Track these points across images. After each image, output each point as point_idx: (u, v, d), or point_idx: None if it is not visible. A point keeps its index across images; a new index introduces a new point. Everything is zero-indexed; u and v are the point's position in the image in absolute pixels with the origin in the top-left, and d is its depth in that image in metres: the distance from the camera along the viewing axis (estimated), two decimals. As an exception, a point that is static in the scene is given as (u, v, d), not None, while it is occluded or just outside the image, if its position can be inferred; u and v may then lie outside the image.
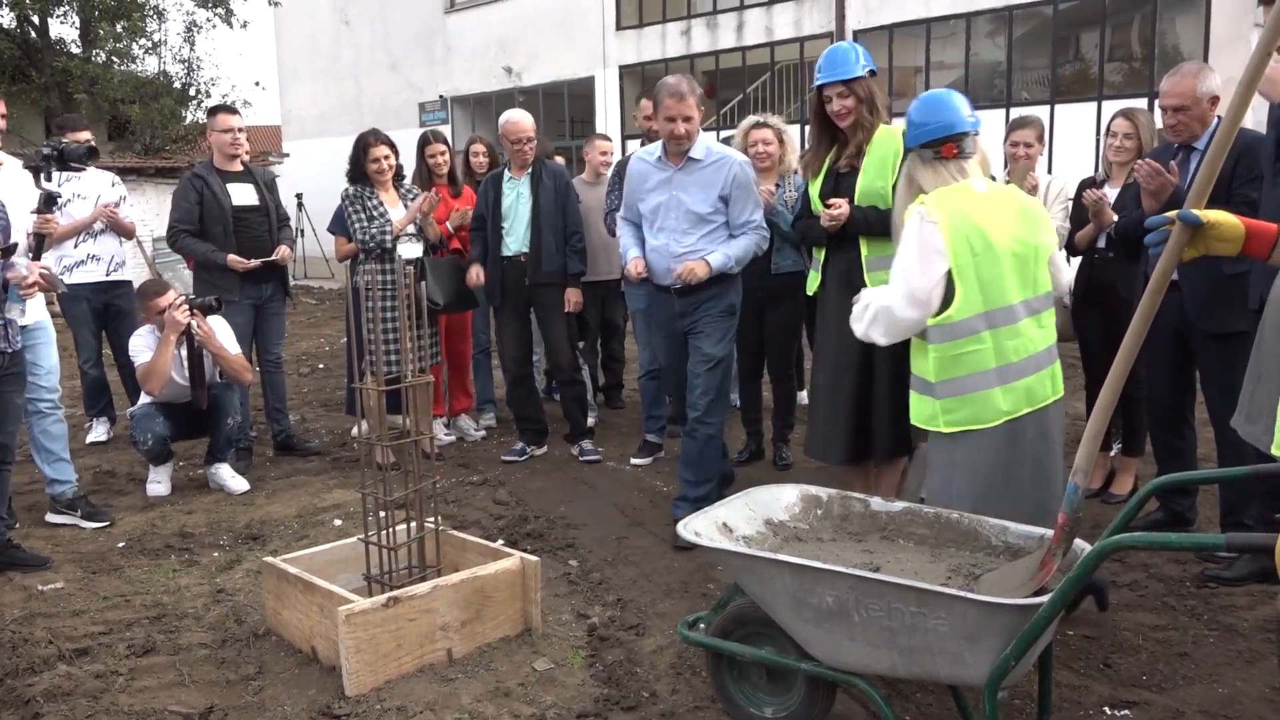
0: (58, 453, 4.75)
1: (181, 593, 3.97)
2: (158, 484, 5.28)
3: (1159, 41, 12.52)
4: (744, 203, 4.42)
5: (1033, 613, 2.31)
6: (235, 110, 5.91)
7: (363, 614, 3.13)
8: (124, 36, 18.28)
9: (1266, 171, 3.59)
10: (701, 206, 4.37)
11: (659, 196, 4.45)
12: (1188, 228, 2.10)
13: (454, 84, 20.31)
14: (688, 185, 4.40)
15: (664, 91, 4.34)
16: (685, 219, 4.40)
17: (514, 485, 5.34)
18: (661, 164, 4.47)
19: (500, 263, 5.62)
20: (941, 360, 3.06)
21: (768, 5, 15.92)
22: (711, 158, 4.41)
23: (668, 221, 4.44)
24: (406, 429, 3.69)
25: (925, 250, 3.02)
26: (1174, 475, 2.60)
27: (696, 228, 4.39)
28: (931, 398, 3.11)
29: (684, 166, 4.41)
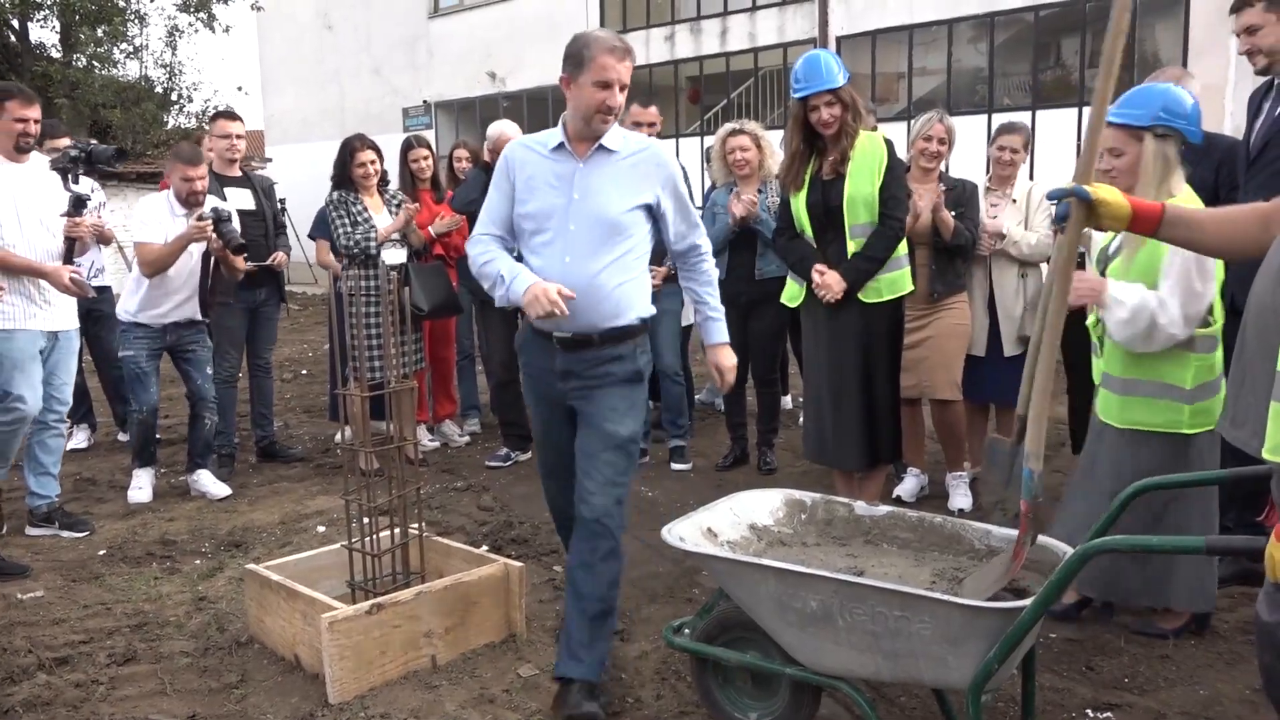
0: (48, 467, 4.71)
1: (163, 601, 3.94)
2: (139, 490, 5.24)
3: (1139, 48, 12.61)
4: (686, 219, 3.18)
5: (1015, 616, 2.32)
6: (237, 116, 5.90)
7: (346, 621, 3.11)
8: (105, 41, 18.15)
9: (1240, 173, 3.65)
10: (616, 213, 3.01)
11: (553, 198, 3.03)
12: (1083, 203, 2.18)
13: (438, 89, 20.28)
14: (599, 184, 3.02)
15: (597, 46, 2.92)
16: (594, 231, 2.99)
17: (498, 491, 5.33)
18: (560, 154, 3.05)
19: None
20: (1201, 368, 3.13)
21: (751, 11, 15.96)
22: (632, 148, 3.07)
23: (563, 234, 3.00)
24: (390, 435, 3.68)
25: (1205, 271, 3.03)
26: (1153, 479, 2.62)
27: (608, 244, 3.00)
28: (1183, 403, 3.14)
29: (591, 157, 3.03)
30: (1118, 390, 3.26)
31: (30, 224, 4.41)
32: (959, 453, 4.88)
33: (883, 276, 4.11)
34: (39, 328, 4.44)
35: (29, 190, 4.43)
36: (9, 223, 4.34)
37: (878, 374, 4.14)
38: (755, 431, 5.75)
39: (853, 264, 4.06)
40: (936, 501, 4.85)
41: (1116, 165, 3.08)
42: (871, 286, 4.09)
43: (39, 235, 4.43)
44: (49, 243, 4.46)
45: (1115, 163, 3.08)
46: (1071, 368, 4.94)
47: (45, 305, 4.46)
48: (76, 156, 4.62)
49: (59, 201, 4.49)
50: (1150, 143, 3.03)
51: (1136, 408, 3.21)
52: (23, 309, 4.39)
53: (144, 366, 5.12)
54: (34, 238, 4.41)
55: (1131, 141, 3.06)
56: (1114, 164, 3.08)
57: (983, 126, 12.23)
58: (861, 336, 4.12)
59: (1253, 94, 3.72)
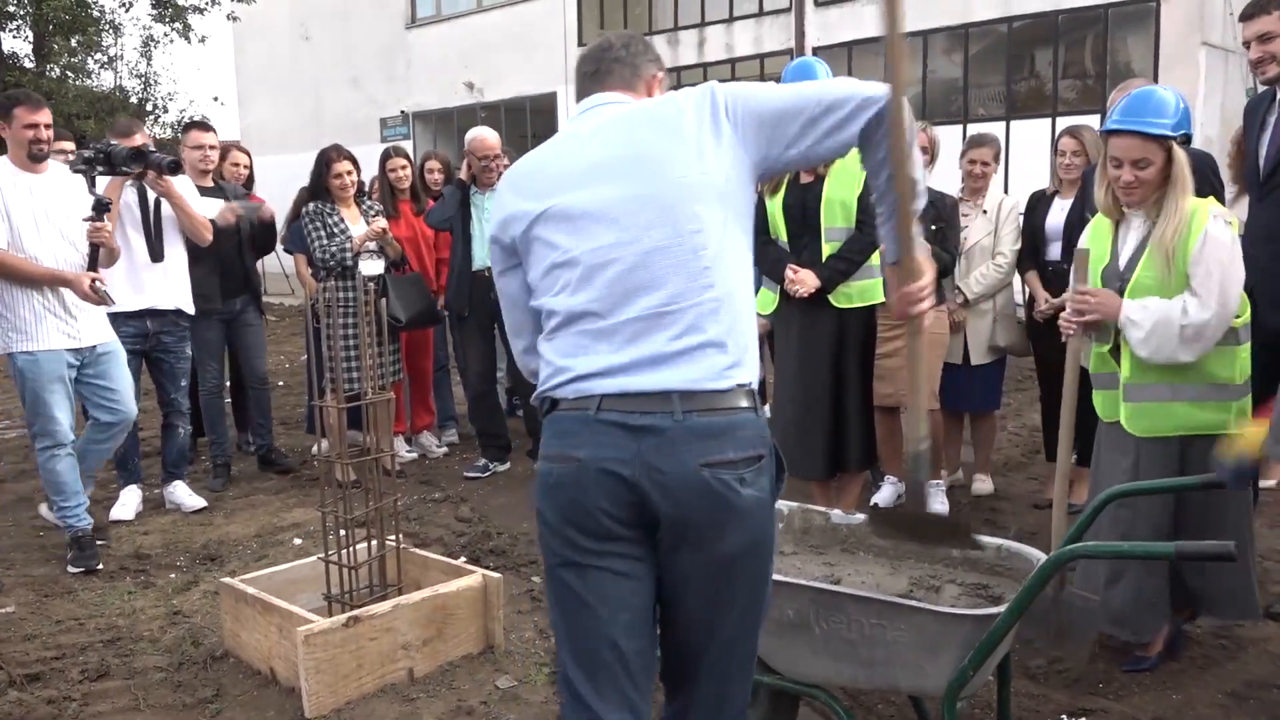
0: (89, 470, 4.66)
1: (137, 615, 3.90)
2: (123, 506, 5.16)
3: (1111, 59, 12.77)
4: None
5: (990, 623, 2.33)
6: (210, 127, 5.84)
7: (322, 634, 3.09)
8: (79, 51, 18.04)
9: (1252, 189, 3.66)
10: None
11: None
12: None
13: (415, 99, 20.26)
14: None
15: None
16: None
17: (476, 502, 5.32)
18: None
19: (467, 277, 5.61)
20: (1244, 360, 2.99)
21: (728, 22, 16.05)
22: None
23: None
24: (367, 446, 3.67)
25: (1237, 263, 2.91)
26: (1125, 486, 2.65)
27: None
28: (1232, 400, 2.98)
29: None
30: (1155, 398, 3.03)
31: (50, 235, 4.31)
32: (935, 460, 4.91)
33: (855, 283, 4.12)
34: (64, 346, 4.34)
35: (48, 200, 4.32)
36: (29, 233, 4.26)
37: (848, 382, 4.15)
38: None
39: (828, 264, 4.07)
40: (913, 509, 4.87)
41: (1141, 176, 2.92)
42: (843, 292, 4.11)
43: (60, 246, 4.33)
44: (70, 254, 4.34)
45: (1140, 174, 2.92)
46: (1044, 377, 4.99)
47: (70, 320, 4.35)
48: (93, 158, 4.52)
49: (81, 211, 4.35)
50: (1179, 152, 2.91)
51: (1180, 413, 3.00)
52: (46, 327, 4.29)
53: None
54: (55, 249, 4.31)
55: (1159, 151, 2.90)
56: (1138, 175, 2.92)
57: (958, 136, 12.32)
58: (833, 343, 4.13)
59: (1250, 105, 3.72)
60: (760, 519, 1.91)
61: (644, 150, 1.94)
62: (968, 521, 2.50)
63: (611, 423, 1.85)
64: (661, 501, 1.85)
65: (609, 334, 1.89)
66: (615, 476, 1.84)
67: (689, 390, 1.85)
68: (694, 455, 1.83)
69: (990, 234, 4.93)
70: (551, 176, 2.00)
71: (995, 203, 4.98)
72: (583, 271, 1.91)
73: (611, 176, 1.94)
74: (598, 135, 2.01)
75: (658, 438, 1.83)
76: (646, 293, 1.88)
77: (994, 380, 5.15)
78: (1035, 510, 4.89)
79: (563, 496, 1.89)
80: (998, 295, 4.95)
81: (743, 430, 1.88)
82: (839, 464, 4.22)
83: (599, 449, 1.85)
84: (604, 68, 2.13)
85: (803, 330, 4.18)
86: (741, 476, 1.86)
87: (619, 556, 1.90)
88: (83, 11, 17.15)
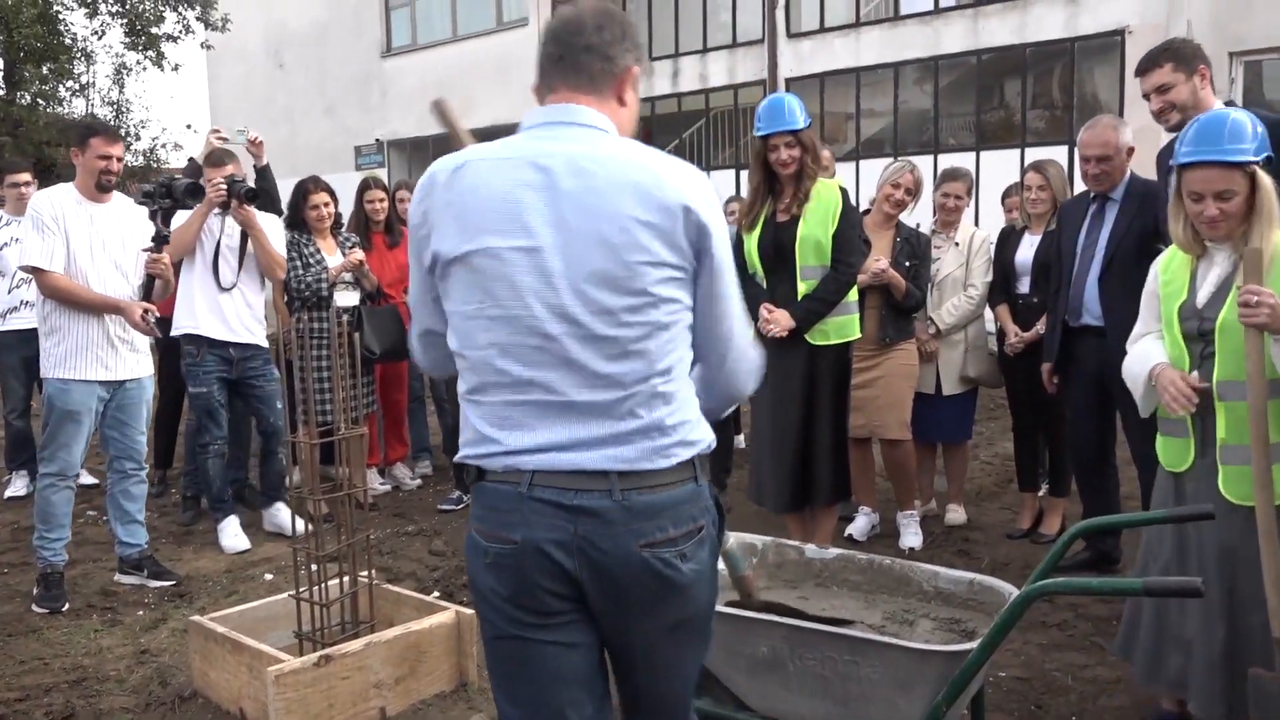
0: (134, 514, 4.61)
1: (103, 654, 3.84)
2: (236, 537, 5.12)
3: (1078, 90, 13.00)
4: None
5: (962, 659, 2.34)
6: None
7: (293, 673, 3.06)
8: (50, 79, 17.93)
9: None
10: None
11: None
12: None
13: (391, 128, 20.28)
14: None
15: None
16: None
17: (450, 535, 5.28)
18: None
19: None
20: None
21: (702, 53, 16.20)
22: None
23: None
24: (340, 481, 3.64)
25: None
26: (1096, 520, 2.68)
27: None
28: None
29: None
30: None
31: (104, 264, 4.34)
32: (909, 491, 4.93)
33: (831, 320, 4.16)
34: (99, 378, 4.34)
35: (106, 230, 4.37)
36: (83, 260, 4.29)
37: (819, 417, 4.17)
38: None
39: (803, 304, 4.12)
40: (888, 540, 4.89)
41: (1225, 208, 2.64)
42: (819, 329, 4.14)
43: (112, 276, 4.36)
44: (121, 285, 4.38)
45: (1224, 206, 2.64)
46: (1018, 406, 5.04)
47: (110, 353, 4.35)
48: (154, 192, 4.62)
49: (135, 244, 4.44)
50: (1263, 177, 2.64)
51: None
52: (87, 358, 4.30)
53: (216, 399, 5.04)
54: (106, 278, 4.34)
55: (1243, 180, 2.63)
56: (1223, 207, 2.64)
57: (929, 167, 12.48)
58: (806, 379, 4.16)
59: (1161, 152, 3.84)
60: (700, 589, 1.88)
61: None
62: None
63: (545, 500, 1.78)
64: (602, 580, 1.80)
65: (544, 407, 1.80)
66: (553, 558, 1.78)
67: (627, 471, 1.79)
68: (633, 536, 1.78)
69: (962, 266, 4.99)
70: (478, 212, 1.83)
71: (967, 235, 5.05)
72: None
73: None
74: (534, 187, 1.80)
75: (594, 519, 1.78)
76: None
77: (966, 410, 5.20)
78: (1008, 540, 4.92)
79: (503, 575, 1.82)
80: (969, 327, 5.00)
81: (683, 506, 1.83)
82: (807, 497, 4.23)
83: (534, 530, 1.78)
84: (571, 56, 1.89)
85: (776, 365, 4.19)
86: (682, 553, 1.83)
87: (563, 627, 1.85)
88: (54, 39, 17.08)
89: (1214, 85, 3.68)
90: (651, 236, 1.77)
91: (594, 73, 1.89)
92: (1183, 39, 3.81)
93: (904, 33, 14.10)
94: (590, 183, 1.78)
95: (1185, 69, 3.57)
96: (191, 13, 17.66)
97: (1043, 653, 3.65)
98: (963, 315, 4.95)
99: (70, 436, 4.32)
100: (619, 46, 1.91)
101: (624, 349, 1.78)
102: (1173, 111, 3.59)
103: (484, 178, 1.85)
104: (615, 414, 1.79)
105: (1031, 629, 3.80)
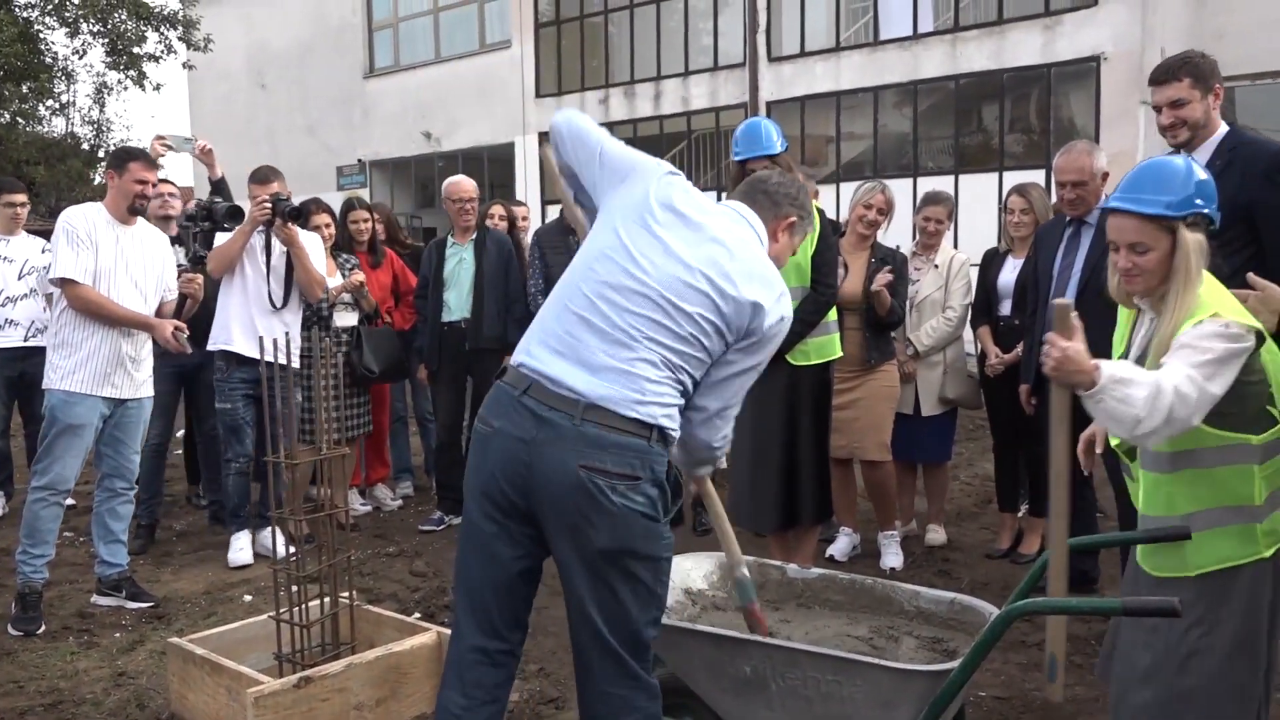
0: (118, 534, 4.58)
1: (79, 677, 3.80)
2: (240, 551, 5.13)
3: (1054, 115, 13.17)
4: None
5: (944, 678, 2.36)
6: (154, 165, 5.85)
7: (272, 696, 3.04)
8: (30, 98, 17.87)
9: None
10: None
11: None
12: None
13: (373, 148, 20.30)
14: None
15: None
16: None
17: (431, 555, 5.26)
18: None
19: (440, 328, 5.62)
20: (1269, 473, 2.44)
21: (684, 76, 16.32)
22: None
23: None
24: (321, 501, 3.63)
25: (1230, 369, 2.30)
26: (1074, 540, 2.68)
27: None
28: (1254, 523, 2.41)
29: None
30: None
31: (125, 285, 4.38)
32: (889, 512, 4.96)
33: (811, 340, 4.19)
34: (105, 394, 4.35)
35: (130, 252, 4.42)
36: (105, 278, 4.33)
37: (801, 437, 4.19)
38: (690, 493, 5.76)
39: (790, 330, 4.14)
40: (869, 560, 4.91)
41: (1139, 263, 2.43)
42: (800, 349, 4.17)
43: (132, 298, 4.39)
44: (139, 306, 4.42)
45: (1138, 260, 2.43)
46: (996, 427, 5.08)
47: (120, 372, 4.37)
48: (195, 214, 4.72)
49: (155, 268, 4.50)
50: (1186, 235, 2.38)
51: (1208, 546, 2.42)
52: (96, 374, 4.31)
53: (241, 416, 5.05)
54: (126, 299, 4.37)
55: (1160, 234, 2.39)
56: (1136, 261, 2.43)
57: (908, 189, 12.60)
58: (787, 399, 4.18)
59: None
60: (627, 525, 2.23)
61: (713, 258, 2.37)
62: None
63: (527, 407, 2.26)
64: (541, 485, 2.24)
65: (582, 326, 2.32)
66: (513, 452, 2.26)
67: (596, 404, 2.23)
68: (577, 455, 2.21)
69: (941, 288, 5.04)
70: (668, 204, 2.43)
71: (946, 258, 5.10)
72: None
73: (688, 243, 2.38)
74: (708, 215, 2.43)
75: (552, 430, 2.23)
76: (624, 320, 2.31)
77: (946, 431, 5.23)
78: (988, 560, 4.94)
79: (476, 454, 2.35)
80: (948, 348, 5.05)
81: (628, 452, 2.23)
82: (792, 517, 4.25)
83: (509, 425, 2.28)
84: (750, 194, 2.59)
85: (757, 386, 4.21)
86: (613, 486, 2.21)
87: (509, 533, 2.32)
88: (34, 58, 17.03)
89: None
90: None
91: (764, 206, 2.59)
92: (1201, 54, 3.55)
93: (884, 57, 14.27)
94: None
95: (1202, 86, 3.45)
96: (173, 33, 17.66)
97: (1023, 672, 3.66)
98: (941, 337, 5.00)
99: (67, 450, 4.31)
100: (786, 201, 2.61)
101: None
102: (1183, 129, 3.48)
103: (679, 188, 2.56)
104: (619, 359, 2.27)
105: (1012, 648, 3.82)
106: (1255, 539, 2.40)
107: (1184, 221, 2.39)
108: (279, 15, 21.62)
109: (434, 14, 19.72)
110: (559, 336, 2.33)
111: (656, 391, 2.28)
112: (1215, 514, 2.42)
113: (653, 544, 2.29)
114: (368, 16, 20.58)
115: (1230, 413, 2.31)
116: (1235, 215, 3.44)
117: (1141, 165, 2.51)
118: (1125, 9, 12.16)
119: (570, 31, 17.80)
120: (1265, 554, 2.40)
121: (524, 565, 2.38)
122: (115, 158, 4.54)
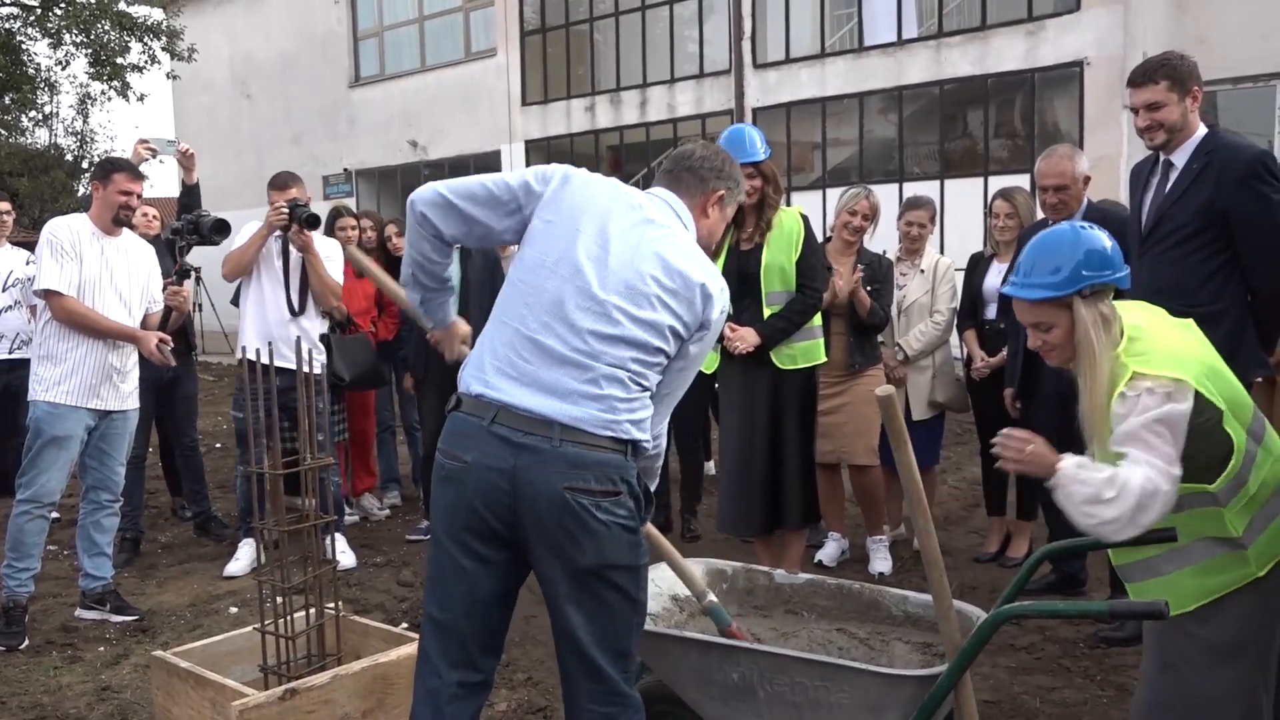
0: (103, 547, 4.56)
1: (63, 692, 3.76)
2: (236, 561, 5.12)
3: (1039, 120, 13.23)
4: None
5: (932, 683, 2.35)
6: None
7: (258, 708, 3.00)
8: (12, 109, 17.78)
9: (1132, 248, 3.76)
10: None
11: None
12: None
13: (359, 157, 20.25)
14: None
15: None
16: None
17: (418, 565, 5.23)
18: None
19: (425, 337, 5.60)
20: (1239, 508, 2.36)
21: (670, 83, 16.34)
22: None
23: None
24: (305, 511, 3.60)
25: (1178, 433, 2.24)
26: (1061, 543, 2.69)
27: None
28: (1240, 551, 2.35)
29: None
30: (1167, 570, 2.42)
31: (109, 296, 4.37)
32: (878, 517, 4.96)
33: (797, 344, 4.19)
34: (91, 406, 4.33)
35: (115, 263, 4.41)
36: (89, 290, 4.32)
37: (786, 442, 4.19)
38: (679, 499, 5.76)
39: (769, 322, 4.14)
40: (858, 565, 4.90)
41: (1047, 339, 2.43)
42: (786, 353, 4.17)
43: (116, 309, 4.38)
44: (123, 317, 4.40)
45: (1046, 337, 2.43)
46: (984, 431, 5.08)
47: (106, 383, 4.35)
48: (182, 228, 4.71)
49: (140, 280, 4.49)
50: (1082, 309, 2.34)
51: (1198, 579, 2.38)
52: (82, 385, 4.29)
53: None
54: (110, 311, 4.36)
55: (1057, 311, 2.38)
56: (1044, 339, 2.43)
57: (894, 195, 12.63)
58: (772, 403, 4.18)
59: (1136, 168, 3.85)
60: (611, 543, 2.24)
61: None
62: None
63: (500, 436, 2.24)
64: (527, 509, 2.22)
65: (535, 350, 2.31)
66: (494, 482, 2.23)
67: (570, 426, 2.22)
68: (561, 477, 2.20)
69: (928, 293, 5.05)
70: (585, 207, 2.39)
71: (931, 262, 5.11)
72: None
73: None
74: (635, 211, 2.40)
75: (533, 455, 2.22)
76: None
77: (934, 435, 5.24)
78: (976, 564, 4.95)
79: (447, 495, 2.30)
80: (936, 352, 5.06)
81: (609, 468, 2.24)
82: (778, 521, 4.24)
83: (484, 456, 2.25)
84: (675, 175, 2.53)
85: (742, 389, 4.23)
86: (598, 503, 2.22)
87: (485, 556, 2.29)
88: (17, 69, 16.95)
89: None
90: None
91: (690, 185, 2.53)
92: (1180, 56, 3.56)
93: (868, 63, 14.31)
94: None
95: (1179, 89, 3.46)
96: (157, 43, 17.58)
97: (1011, 675, 3.66)
98: (930, 341, 5.00)
99: (51, 462, 4.29)
100: (713, 175, 2.54)
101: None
102: (1160, 131, 3.49)
103: (597, 189, 2.52)
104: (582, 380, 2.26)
105: (1000, 652, 3.82)
106: (1246, 561, 2.36)
107: (1079, 295, 2.34)
108: (263, 25, 21.56)
109: (419, 23, 19.69)
110: (514, 364, 2.28)
111: (629, 406, 2.29)
112: (1199, 547, 2.37)
113: (634, 554, 2.31)
114: (353, 26, 20.53)
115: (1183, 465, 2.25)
116: (1212, 218, 3.46)
117: (1031, 243, 2.47)
118: (1107, 14, 12.22)
119: (556, 39, 17.80)
120: (1259, 573, 2.34)
121: (505, 589, 2.39)
122: (100, 169, 4.53)
